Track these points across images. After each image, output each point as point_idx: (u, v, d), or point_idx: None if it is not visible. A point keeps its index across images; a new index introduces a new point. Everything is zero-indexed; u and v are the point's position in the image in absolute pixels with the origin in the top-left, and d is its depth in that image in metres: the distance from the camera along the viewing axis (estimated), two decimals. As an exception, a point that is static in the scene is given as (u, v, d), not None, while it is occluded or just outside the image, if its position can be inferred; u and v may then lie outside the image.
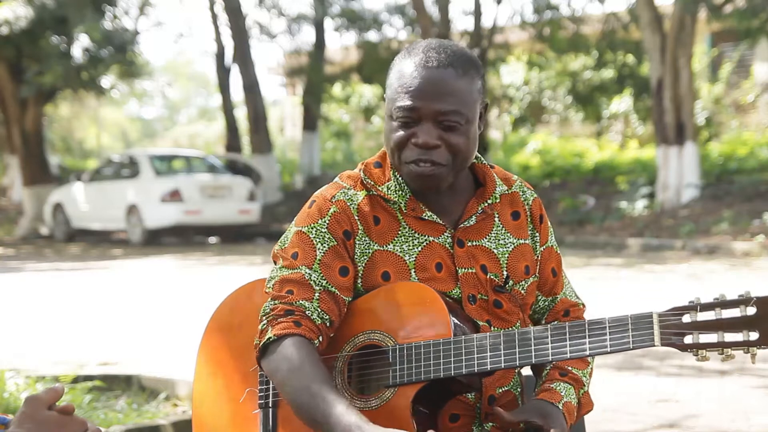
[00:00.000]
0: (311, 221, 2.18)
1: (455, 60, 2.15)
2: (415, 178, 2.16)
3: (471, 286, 2.19)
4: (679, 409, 5.16)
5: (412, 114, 2.13)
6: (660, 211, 16.49)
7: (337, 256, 2.16)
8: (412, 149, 2.14)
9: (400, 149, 2.16)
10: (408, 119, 2.14)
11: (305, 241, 2.17)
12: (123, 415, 4.70)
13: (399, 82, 2.16)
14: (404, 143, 2.15)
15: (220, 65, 25.10)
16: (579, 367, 2.24)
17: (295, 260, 2.16)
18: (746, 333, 1.92)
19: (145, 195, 18.56)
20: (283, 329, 2.09)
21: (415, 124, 2.14)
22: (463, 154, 2.15)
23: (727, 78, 23.22)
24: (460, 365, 2.05)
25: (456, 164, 2.16)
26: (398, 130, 2.16)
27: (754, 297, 1.92)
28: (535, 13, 21.98)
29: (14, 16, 19.93)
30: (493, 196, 2.25)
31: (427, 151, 2.13)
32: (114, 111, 48.63)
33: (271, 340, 2.09)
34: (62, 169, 27.82)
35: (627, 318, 1.99)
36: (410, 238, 2.20)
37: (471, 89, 2.15)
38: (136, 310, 9.49)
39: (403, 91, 2.14)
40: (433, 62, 2.14)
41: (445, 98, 2.12)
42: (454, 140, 2.13)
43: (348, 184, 2.23)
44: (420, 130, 2.13)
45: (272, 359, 2.08)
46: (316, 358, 2.07)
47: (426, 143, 2.12)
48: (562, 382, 2.20)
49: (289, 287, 2.14)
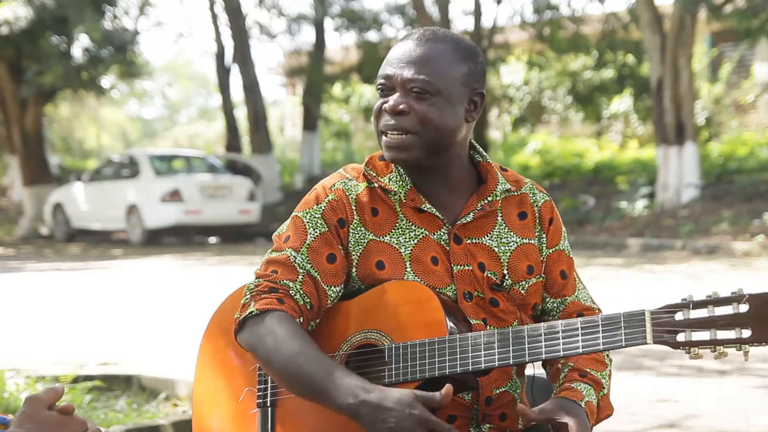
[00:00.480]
0: (307, 207, 2.22)
1: (443, 39, 2.20)
2: (386, 149, 2.19)
3: (466, 283, 2.19)
4: (679, 409, 5.16)
5: (386, 82, 2.19)
6: (660, 211, 16.49)
7: (326, 243, 2.18)
8: (385, 117, 2.19)
9: (377, 119, 2.21)
10: (383, 87, 2.20)
11: (298, 225, 2.20)
12: (123, 415, 4.69)
13: (386, 57, 2.23)
14: (378, 111, 2.21)
15: (220, 65, 25.11)
16: (597, 369, 2.21)
17: (285, 243, 2.19)
18: (738, 330, 1.91)
19: (145, 195, 18.56)
20: (266, 304, 2.10)
21: (389, 93, 2.19)
22: (432, 124, 2.15)
23: (727, 78, 23.22)
24: (454, 364, 2.05)
25: (426, 135, 2.16)
26: (378, 100, 2.22)
27: (746, 294, 1.92)
28: (535, 13, 21.99)
29: (14, 16, 19.93)
30: (493, 194, 2.24)
31: (396, 117, 2.16)
32: (114, 111, 48.64)
33: (253, 314, 2.10)
34: (62, 169, 27.81)
35: (619, 316, 1.99)
36: (407, 230, 2.20)
37: (450, 66, 2.17)
38: (136, 310, 9.49)
39: (385, 63, 2.22)
40: (417, 37, 2.21)
41: (414, 66, 2.16)
42: (421, 109, 2.15)
43: (350, 175, 2.26)
44: (391, 98, 2.18)
45: (254, 332, 2.09)
46: (303, 330, 2.09)
47: (393, 108, 2.16)
48: (582, 382, 2.17)
49: (273, 267, 2.16)
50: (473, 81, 2.20)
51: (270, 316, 2.08)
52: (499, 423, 2.20)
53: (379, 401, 1.94)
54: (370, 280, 2.18)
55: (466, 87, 2.19)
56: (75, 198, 20.13)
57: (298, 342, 2.04)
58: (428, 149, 2.17)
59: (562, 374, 2.21)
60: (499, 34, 22.59)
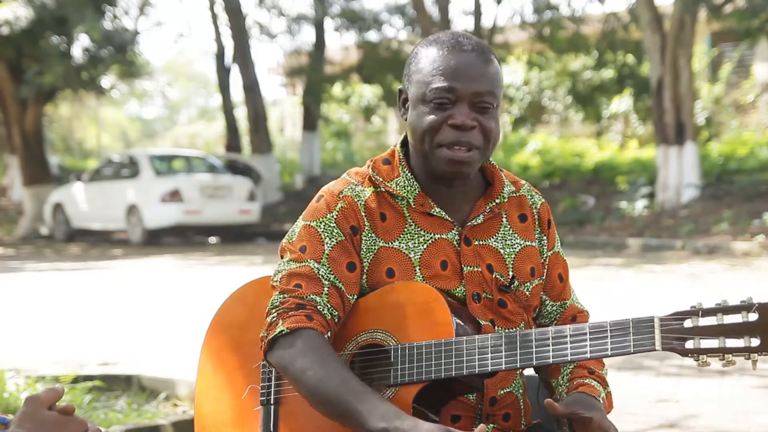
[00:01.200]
0: (320, 215, 2.18)
1: (483, 46, 2.20)
2: (449, 163, 2.15)
3: (476, 284, 2.19)
4: (679, 409, 5.16)
5: (449, 95, 2.14)
6: (660, 211, 16.49)
7: (345, 251, 2.16)
8: (448, 132, 2.14)
9: (434, 132, 2.15)
10: (444, 100, 2.14)
11: (313, 234, 2.17)
12: (123, 415, 4.69)
13: (432, 66, 2.16)
14: (439, 126, 2.15)
15: (220, 65, 25.11)
16: (600, 368, 2.25)
17: (303, 254, 2.15)
18: (747, 339, 1.90)
19: (145, 195, 18.56)
20: (295, 322, 2.08)
21: (451, 106, 2.14)
22: (494, 138, 2.17)
23: (727, 78, 23.22)
24: (461, 366, 2.05)
25: (487, 149, 2.18)
26: (432, 112, 2.15)
27: (756, 303, 1.91)
28: (535, 13, 21.99)
29: (14, 16, 19.93)
30: (501, 196, 2.25)
31: (465, 133, 2.14)
32: (114, 111, 48.65)
33: (283, 333, 2.08)
34: (62, 169, 27.80)
35: (628, 322, 1.98)
36: (416, 235, 2.19)
37: (500, 74, 2.20)
38: (136, 310, 9.49)
39: (439, 73, 2.14)
40: (466, 46, 2.17)
41: (480, 80, 2.14)
42: (487, 123, 2.15)
43: (356, 180, 2.23)
44: (457, 112, 2.14)
45: (285, 352, 2.07)
46: (333, 350, 2.08)
47: (464, 123, 2.13)
48: (593, 379, 2.20)
49: (297, 281, 2.13)
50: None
51: (300, 335, 2.07)
52: (503, 423, 2.21)
53: (410, 429, 1.93)
54: (379, 287, 2.17)
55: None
56: (75, 198, 20.14)
57: (331, 364, 2.03)
58: (482, 162, 2.20)
59: (567, 369, 2.23)
60: (499, 34, 22.58)
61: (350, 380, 2.01)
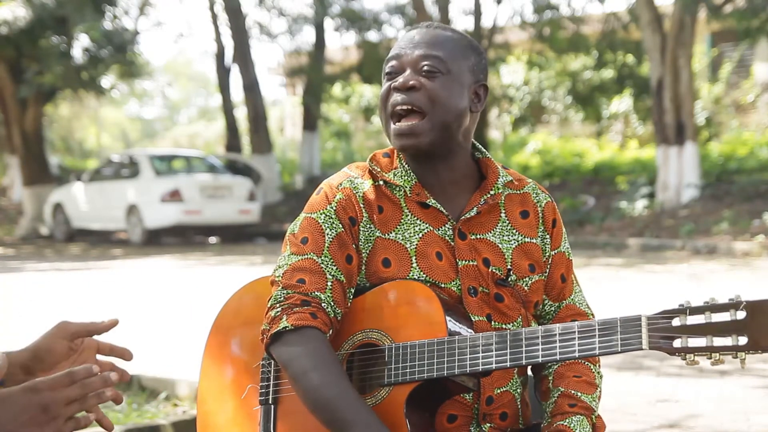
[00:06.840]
0: (320, 207, 2.20)
1: (451, 29, 2.24)
2: (396, 137, 2.18)
3: (471, 278, 2.19)
4: (679, 409, 5.16)
5: (395, 62, 2.20)
6: (660, 211, 16.49)
7: (343, 244, 2.17)
8: (393, 96, 2.19)
9: (385, 101, 2.21)
10: (392, 69, 2.21)
11: (314, 226, 2.18)
12: (123, 415, 4.69)
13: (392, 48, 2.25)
14: (387, 92, 2.20)
15: (220, 65, 25.11)
16: (587, 392, 2.19)
17: (305, 245, 2.17)
18: (735, 338, 1.88)
19: (145, 195, 18.57)
20: (299, 320, 2.08)
21: (398, 74, 2.20)
22: (442, 102, 2.16)
23: (727, 78, 23.23)
24: (453, 365, 2.05)
25: (435, 115, 2.16)
26: (385, 84, 2.22)
27: (743, 301, 1.89)
28: (535, 13, 21.98)
29: (14, 16, 19.92)
30: (495, 187, 2.25)
31: (407, 93, 2.17)
32: (114, 111, 48.65)
33: (287, 329, 2.08)
34: (62, 169, 27.82)
35: (616, 321, 1.98)
36: (412, 225, 2.20)
37: (459, 51, 2.21)
38: (136, 310, 9.49)
39: (393, 49, 2.23)
40: (426, 25, 2.24)
41: (426, 46, 2.19)
42: (432, 86, 2.16)
43: (355, 173, 2.25)
44: (401, 77, 2.19)
45: (288, 350, 2.07)
46: (335, 355, 2.08)
47: (404, 83, 2.17)
48: (574, 415, 2.16)
49: (300, 275, 2.14)
50: (479, 72, 2.24)
51: (304, 333, 2.07)
52: (500, 422, 2.20)
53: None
54: (375, 278, 2.18)
55: (472, 75, 2.22)
56: (75, 198, 20.14)
57: (332, 370, 2.04)
58: (437, 133, 2.17)
59: (552, 399, 2.20)
60: (499, 33, 22.59)
61: (348, 391, 2.02)
